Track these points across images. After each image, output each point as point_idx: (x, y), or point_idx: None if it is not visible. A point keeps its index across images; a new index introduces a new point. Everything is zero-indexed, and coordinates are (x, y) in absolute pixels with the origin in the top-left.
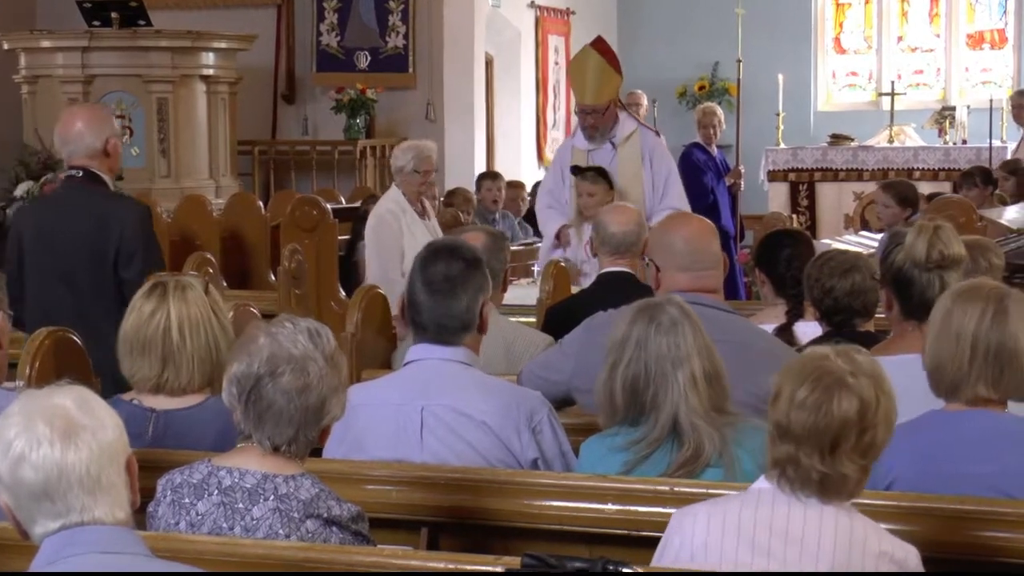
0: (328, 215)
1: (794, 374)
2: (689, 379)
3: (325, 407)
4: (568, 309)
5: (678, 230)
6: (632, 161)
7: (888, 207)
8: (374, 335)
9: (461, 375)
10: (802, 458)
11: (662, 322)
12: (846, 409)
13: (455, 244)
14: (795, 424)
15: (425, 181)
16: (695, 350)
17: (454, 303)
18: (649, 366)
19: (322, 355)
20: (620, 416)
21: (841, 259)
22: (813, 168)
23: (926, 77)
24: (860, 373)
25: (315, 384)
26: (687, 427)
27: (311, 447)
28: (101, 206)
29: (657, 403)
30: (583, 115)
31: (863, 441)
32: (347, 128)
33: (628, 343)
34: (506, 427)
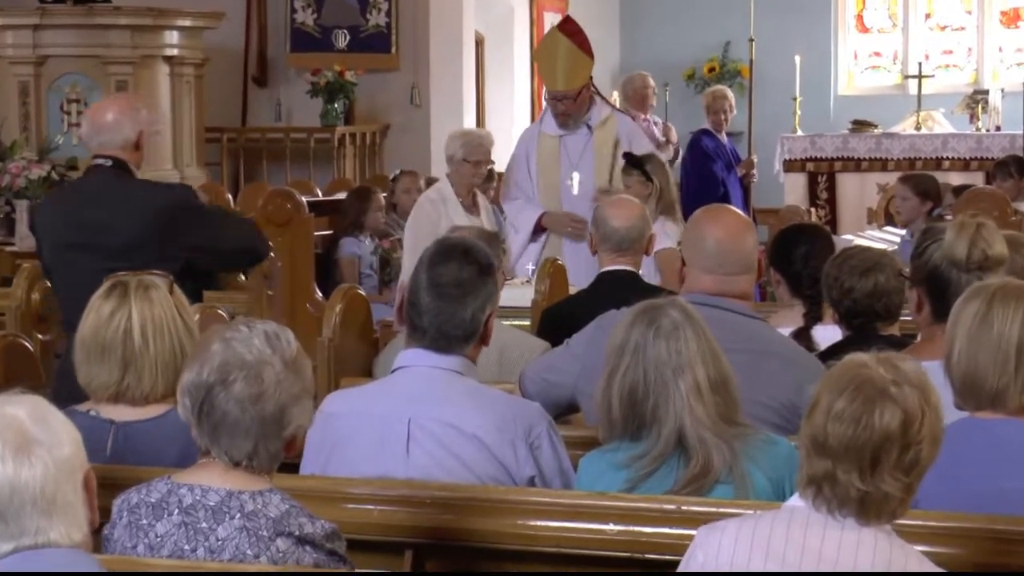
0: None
1: (832, 383)
2: (692, 387)
3: (285, 416)
4: (565, 311)
5: (710, 227)
6: (608, 146)
7: (906, 200)
8: (354, 340)
9: (453, 384)
10: (840, 475)
11: (662, 326)
12: (888, 422)
13: (469, 246)
14: (832, 438)
15: (477, 172)
16: (699, 356)
17: (460, 310)
18: (648, 374)
19: (280, 359)
20: (619, 430)
21: (863, 257)
22: (833, 157)
23: (956, 58)
24: (904, 383)
25: (271, 391)
26: (694, 440)
27: (277, 460)
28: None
29: (658, 415)
30: (555, 102)
31: (906, 458)
32: (324, 114)
33: (626, 349)
34: (501, 441)
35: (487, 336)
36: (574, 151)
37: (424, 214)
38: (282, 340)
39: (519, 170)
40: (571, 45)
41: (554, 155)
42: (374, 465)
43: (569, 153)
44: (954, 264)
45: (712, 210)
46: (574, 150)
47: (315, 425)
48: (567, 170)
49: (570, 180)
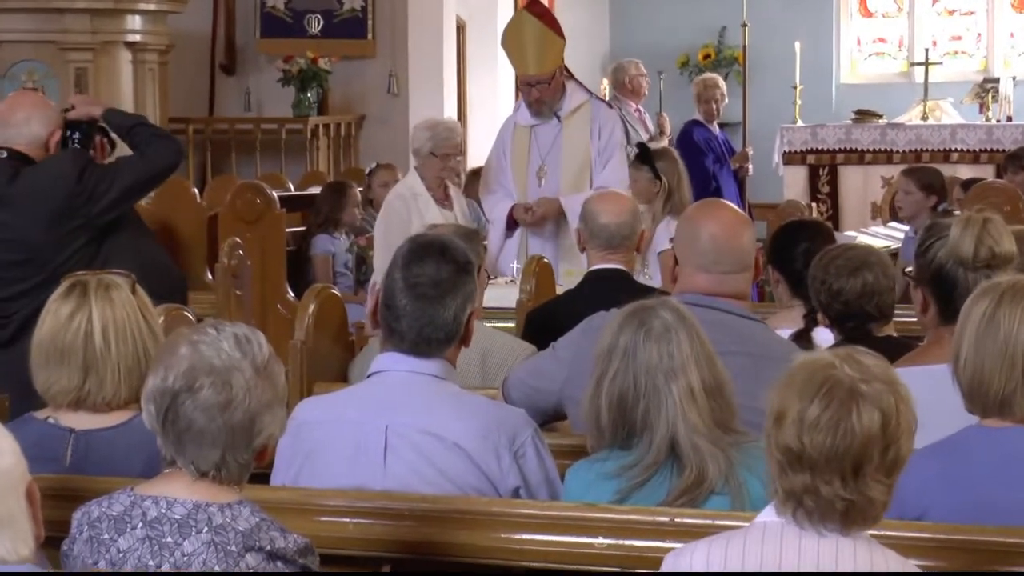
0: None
1: (797, 389)
2: (685, 392)
3: (256, 425)
4: (552, 313)
5: (704, 223)
6: (579, 137)
7: (909, 194)
8: (328, 343)
9: (433, 390)
10: (822, 487)
11: (653, 328)
12: (868, 424)
13: (446, 243)
14: (811, 448)
15: (446, 166)
16: (692, 360)
17: (440, 311)
18: (638, 378)
19: (250, 364)
20: (608, 438)
21: (849, 256)
22: (835, 149)
23: (965, 44)
24: (873, 379)
25: (240, 399)
26: (687, 448)
27: (247, 471)
28: (41, 170)
29: (649, 421)
30: (527, 88)
31: (888, 458)
32: (296, 103)
33: (615, 353)
34: (483, 450)
35: (468, 337)
36: (544, 143)
37: (393, 211)
38: (253, 344)
39: (497, 163)
40: (540, 25)
41: (524, 147)
42: (349, 476)
43: (539, 145)
44: (960, 262)
45: (707, 205)
46: (544, 142)
47: (287, 433)
48: (535, 163)
49: (538, 174)
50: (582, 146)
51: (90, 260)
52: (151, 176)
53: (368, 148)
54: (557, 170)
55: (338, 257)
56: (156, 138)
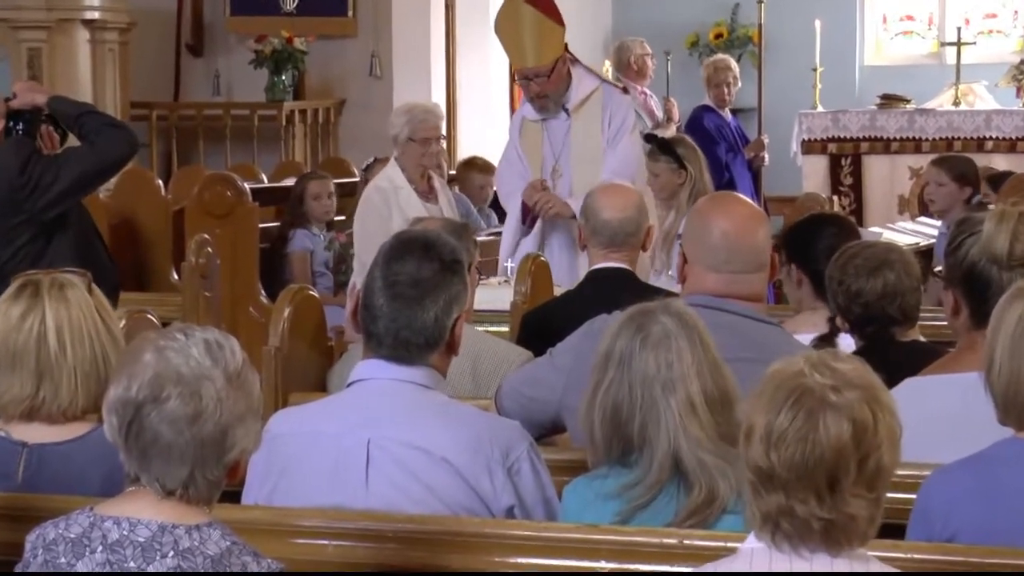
0: (246, 197)
1: (765, 401)
2: (685, 405)
3: (227, 439)
4: (549, 315)
5: (715, 218)
6: (590, 130)
7: (942, 185)
8: (305, 349)
9: (418, 400)
10: (796, 506)
11: (650, 334)
12: (837, 435)
13: (431, 240)
14: (779, 465)
15: (427, 152)
16: (693, 369)
17: (419, 313)
18: (633, 390)
19: (222, 373)
20: (602, 454)
21: (868, 254)
22: (858, 137)
23: (1001, 22)
24: (845, 386)
25: (211, 410)
26: (693, 465)
27: (217, 489)
28: None
29: (648, 437)
30: (527, 83)
31: (867, 469)
32: (270, 87)
33: (611, 361)
34: (474, 466)
35: (455, 344)
36: (556, 138)
37: (371, 206)
38: (225, 350)
39: (516, 161)
40: (536, 13)
41: (537, 144)
42: (328, 494)
43: (552, 141)
44: (994, 260)
45: (718, 198)
46: (556, 137)
47: (260, 448)
48: (549, 162)
49: (552, 175)
50: (594, 140)
51: (35, 259)
52: (101, 168)
53: (348, 136)
54: (570, 170)
55: (316, 255)
56: (107, 127)
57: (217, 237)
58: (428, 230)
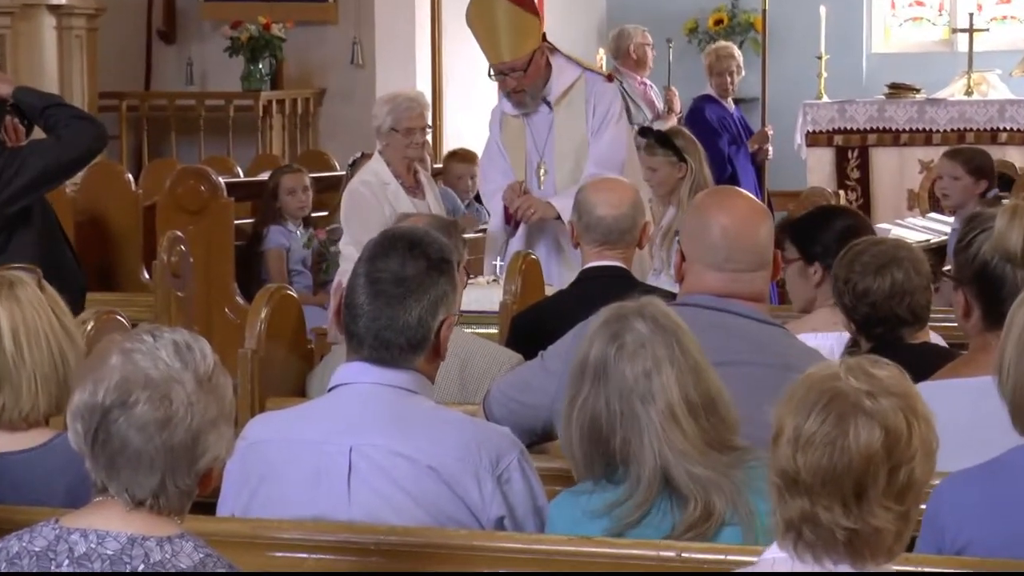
0: (220, 192)
1: (796, 403)
2: (666, 416)
3: (199, 445)
4: (540, 316)
5: (716, 213)
6: (574, 123)
7: (956, 179)
8: (284, 352)
9: (403, 405)
10: (821, 513)
11: (625, 343)
12: (867, 442)
13: (418, 236)
14: (805, 470)
15: (412, 143)
16: (673, 377)
17: (401, 312)
18: (611, 403)
19: (192, 376)
20: (583, 470)
21: (875, 251)
22: (866, 129)
23: (1015, 8)
24: (881, 393)
25: (181, 415)
26: (683, 479)
27: (189, 499)
28: None
29: (631, 452)
30: (502, 78)
31: (896, 481)
32: (246, 76)
33: (585, 373)
34: (462, 474)
35: (441, 347)
36: (539, 133)
37: (362, 202)
38: (195, 352)
39: (498, 157)
40: (509, 5)
41: (519, 140)
42: (308, 504)
43: (535, 136)
44: (1007, 258)
45: (718, 193)
46: (539, 132)
47: (235, 456)
48: (534, 159)
49: (537, 172)
50: (578, 133)
51: None
52: (67, 162)
53: (328, 128)
54: (554, 168)
55: (294, 252)
56: (74, 119)
57: (190, 234)
58: (416, 227)
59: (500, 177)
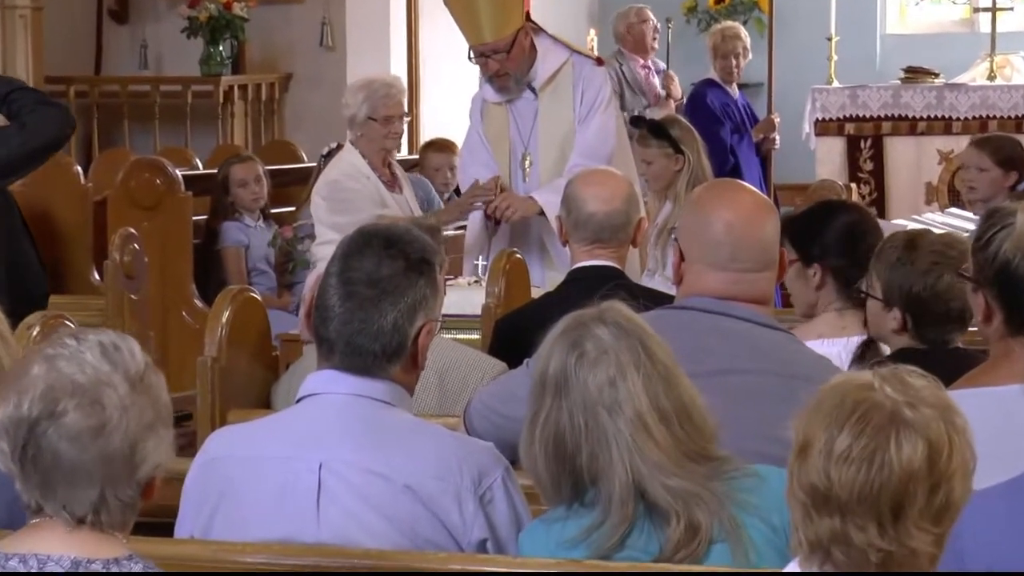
0: (177, 185)
1: (826, 414)
2: (636, 425)
3: (138, 451)
4: (526, 321)
5: (718, 209)
6: (560, 111)
7: (984, 171)
8: (247, 360)
9: (378, 418)
10: (854, 533)
11: (586, 352)
12: (909, 457)
13: (398, 234)
14: (839, 487)
15: (391, 132)
16: (640, 384)
17: (375, 315)
18: (575, 418)
19: (123, 378)
20: (551, 495)
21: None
22: (880, 116)
23: None
24: (920, 403)
25: (116, 420)
26: (659, 494)
27: (132, 513)
28: None
29: (599, 469)
30: (484, 60)
31: (935, 501)
32: (205, 59)
33: (545, 387)
34: (441, 494)
35: (420, 356)
36: (524, 122)
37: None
38: (123, 352)
39: (479, 148)
40: None
41: (502, 129)
42: (274, 525)
43: (519, 125)
44: None
45: (720, 187)
46: (524, 120)
47: (195, 473)
48: (518, 150)
49: (524, 162)
50: (565, 121)
51: None
52: (32, 151)
53: (295, 116)
54: (539, 156)
55: (254, 249)
56: (40, 105)
57: (145, 231)
58: (396, 224)
59: (482, 170)
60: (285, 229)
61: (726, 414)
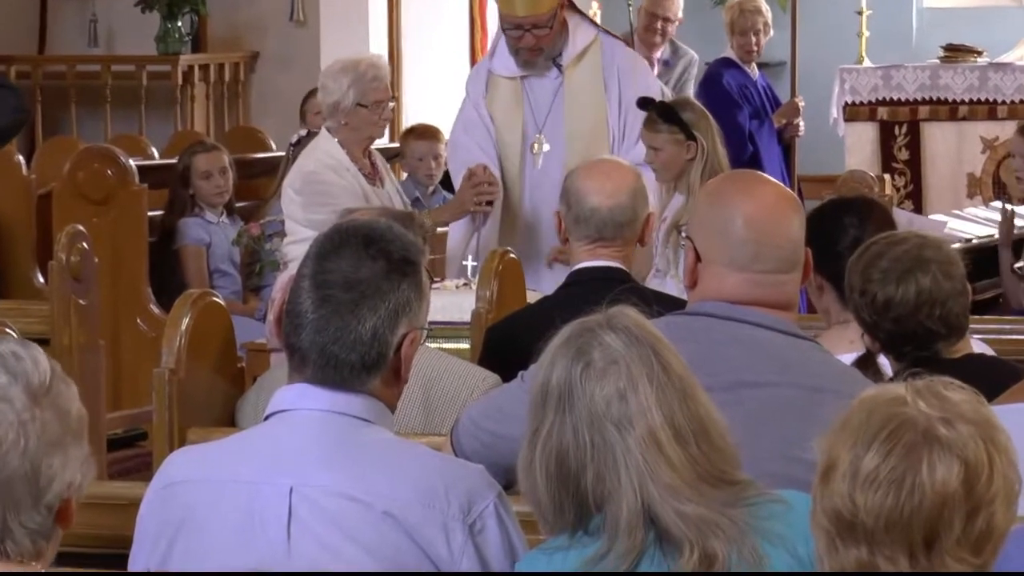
0: (131, 177)
1: (851, 432)
2: (648, 443)
3: (42, 472)
4: (521, 328)
5: (738, 203)
6: (590, 93)
7: None
8: (209, 372)
9: (355, 437)
10: (883, 564)
11: (593, 361)
12: (943, 479)
13: (378, 232)
14: (866, 512)
15: (381, 118)
16: (653, 397)
17: (352, 323)
18: (580, 434)
19: (23, 390)
20: (552, 520)
21: (896, 253)
22: (916, 100)
23: None
24: (957, 419)
25: (12, 438)
26: (672, 520)
27: (47, 540)
28: None
29: (606, 492)
30: (518, 34)
31: (974, 528)
32: (162, 36)
33: (547, 400)
34: (426, 523)
35: (403, 368)
36: (540, 102)
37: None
38: (25, 361)
39: (477, 126)
40: None
41: (513, 107)
42: (239, 557)
43: (534, 105)
44: None
45: (739, 178)
46: (541, 101)
47: (150, 500)
48: (531, 133)
49: (535, 147)
50: (593, 106)
51: None
52: None
53: (262, 99)
54: (560, 143)
55: (216, 248)
56: None
57: (94, 228)
58: (376, 220)
59: (477, 152)
60: (251, 226)
61: (746, 432)
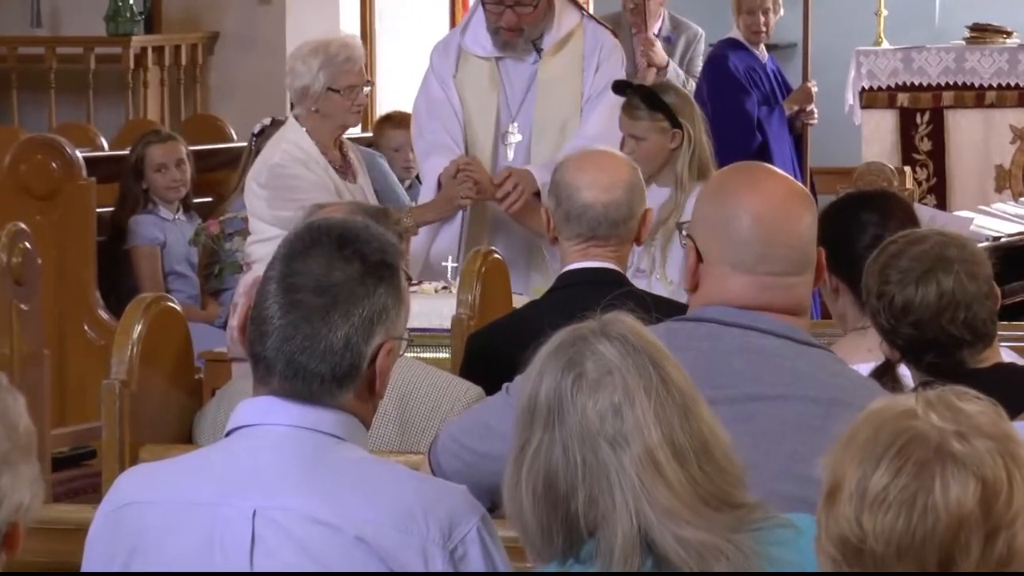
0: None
1: (858, 448)
2: (644, 463)
3: None
4: (506, 336)
5: (744, 198)
6: (566, 83)
7: None
8: (164, 384)
9: (324, 456)
10: None
11: (586, 372)
12: (958, 499)
13: (353, 230)
14: (874, 537)
15: (355, 103)
16: (651, 412)
17: (323, 330)
18: (570, 452)
19: None
20: (539, 547)
21: (915, 253)
22: (940, 85)
23: None
24: (973, 433)
25: None
26: (670, 546)
27: None
28: None
29: (599, 515)
30: (499, 9)
31: (994, 550)
32: (112, 16)
33: (535, 415)
34: (403, 548)
35: (378, 381)
36: (515, 88)
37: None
38: None
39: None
40: None
41: (487, 91)
42: None
43: (508, 91)
44: None
45: (746, 171)
46: (516, 86)
47: (100, 523)
48: (504, 119)
49: (507, 135)
50: (570, 96)
51: None
52: None
53: (223, 84)
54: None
55: (172, 248)
56: None
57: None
58: (351, 219)
59: (441, 133)
60: (210, 224)
61: (753, 450)
